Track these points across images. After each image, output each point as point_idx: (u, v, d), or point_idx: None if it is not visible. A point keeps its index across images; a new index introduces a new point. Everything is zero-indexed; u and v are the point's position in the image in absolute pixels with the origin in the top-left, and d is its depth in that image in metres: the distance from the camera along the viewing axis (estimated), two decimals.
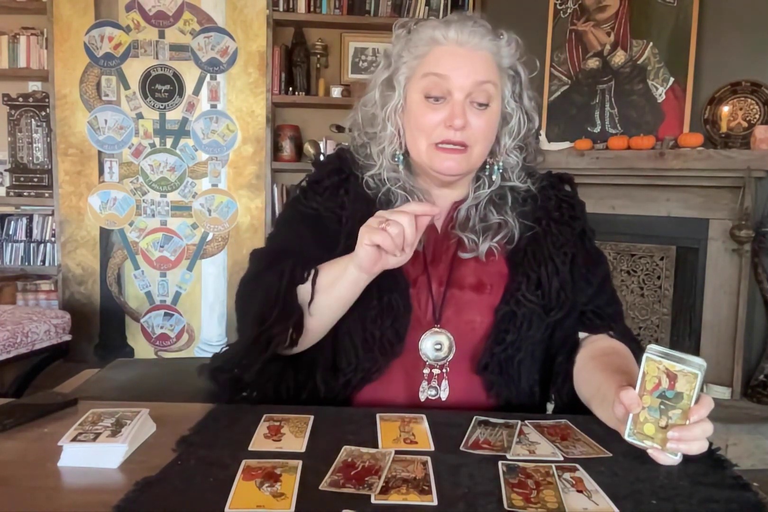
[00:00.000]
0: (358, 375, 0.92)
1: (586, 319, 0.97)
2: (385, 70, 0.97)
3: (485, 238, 0.95)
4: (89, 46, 3.13)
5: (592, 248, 1.01)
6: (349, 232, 0.92)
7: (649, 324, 2.76)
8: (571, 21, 2.84)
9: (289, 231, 1.00)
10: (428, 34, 0.93)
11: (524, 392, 0.95)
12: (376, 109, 0.98)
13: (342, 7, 3.29)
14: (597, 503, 0.60)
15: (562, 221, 0.98)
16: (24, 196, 3.29)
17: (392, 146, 0.97)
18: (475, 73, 0.91)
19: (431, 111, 0.92)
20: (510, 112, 0.96)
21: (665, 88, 2.62)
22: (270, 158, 3.27)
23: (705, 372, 0.68)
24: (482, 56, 0.92)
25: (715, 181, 2.46)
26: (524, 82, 0.98)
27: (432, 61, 0.92)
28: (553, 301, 0.93)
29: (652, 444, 0.69)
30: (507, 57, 0.95)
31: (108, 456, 0.68)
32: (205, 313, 3.29)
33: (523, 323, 0.92)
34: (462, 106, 0.91)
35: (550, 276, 0.93)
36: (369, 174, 0.98)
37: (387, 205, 0.96)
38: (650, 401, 0.69)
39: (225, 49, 3.18)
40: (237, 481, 0.62)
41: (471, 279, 0.95)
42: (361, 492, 0.60)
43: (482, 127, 0.92)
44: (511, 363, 0.92)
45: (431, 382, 0.92)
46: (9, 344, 2.31)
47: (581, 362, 0.93)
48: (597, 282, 1.00)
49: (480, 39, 0.92)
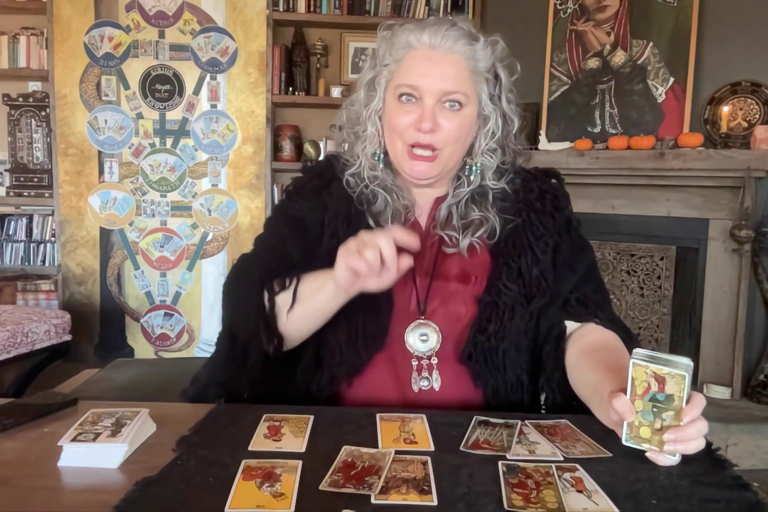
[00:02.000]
0: (342, 369, 0.94)
1: (570, 307, 0.98)
2: (371, 70, 0.99)
3: (465, 235, 0.97)
4: (89, 46, 3.13)
5: (577, 237, 1.02)
6: (332, 233, 0.96)
7: (649, 324, 2.76)
8: (571, 21, 2.84)
9: (273, 234, 1.03)
10: (404, 38, 0.94)
11: (511, 381, 0.96)
12: (360, 109, 1.00)
13: (342, 7, 3.29)
14: (597, 503, 0.60)
15: (544, 211, 0.99)
16: (24, 196, 3.29)
17: (372, 146, 0.99)
18: (443, 80, 0.92)
19: (403, 113, 0.94)
20: (487, 114, 0.97)
21: (665, 88, 2.62)
22: (270, 158, 3.27)
23: (692, 372, 0.68)
24: (454, 61, 0.92)
25: (715, 181, 2.46)
26: (504, 84, 0.97)
27: (405, 68, 0.94)
28: (533, 289, 0.95)
29: (650, 447, 0.69)
30: (483, 60, 0.94)
31: (108, 456, 0.68)
32: (205, 313, 3.29)
33: (505, 312, 0.94)
34: (432, 109, 0.92)
35: (530, 265, 0.95)
36: (349, 173, 1.00)
37: (367, 204, 0.99)
38: (642, 405, 0.69)
39: (225, 49, 3.18)
40: (237, 481, 0.62)
41: (456, 271, 0.97)
42: (361, 492, 0.61)
43: (453, 129, 0.93)
44: (495, 352, 0.93)
45: (422, 373, 0.93)
46: (9, 344, 2.31)
47: (573, 358, 0.93)
48: (582, 270, 1.01)
49: (453, 42, 0.92)
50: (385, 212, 0.99)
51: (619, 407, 0.70)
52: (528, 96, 2.85)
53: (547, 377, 0.97)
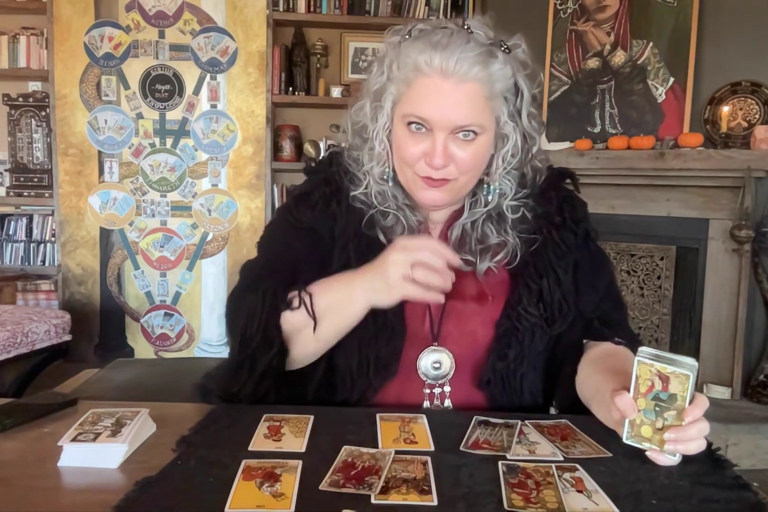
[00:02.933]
0: (354, 396, 0.91)
1: (593, 328, 0.94)
2: (379, 76, 0.90)
3: (483, 260, 0.91)
4: (89, 46, 3.13)
5: (596, 250, 0.98)
6: (342, 247, 0.91)
7: (649, 324, 2.76)
8: (571, 21, 2.84)
9: (279, 241, 0.97)
10: (413, 59, 0.84)
11: (527, 402, 0.93)
12: (366, 121, 0.93)
13: (342, 7, 3.29)
14: (597, 503, 0.60)
15: (565, 226, 0.94)
16: (24, 196, 3.29)
17: (381, 166, 0.92)
18: (457, 114, 0.84)
19: (413, 143, 0.86)
20: (507, 133, 0.89)
21: (665, 88, 2.62)
22: (270, 158, 3.27)
23: (697, 372, 0.67)
24: (468, 90, 0.83)
25: (715, 181, 2.46)
26: (526, 98, 0.89)
27: (415, 97, 0.85)
28: (555, 314, 0.91)
29: (650, 446, 0.69)
30: (501, 80, 0.85)
31: (108, 456, 0.68)
32: (205, 313, 3.29)
33: (525, 337, 0.90)
34: (443, 143, 0.85)
35: (552, 287, 0.90)
36: (357, 192, 0.94)
37: (378, 221, 0.93)
38: (645, 404, 0.69)
39: (225, 49, 3.18)
40: (237, 481, 0.62)
41: (472, 291, 0.92)
42: (361, 492, 0.60)
43: (467, 159, 0.86)
44: (514, 377, 0.90)
45: (434, 402, 0.90)
46: (9, 344, 2.31)
47: (581, 364, 0.91)
48: (603, 287, 0.97)
49: (468, 68, 0.82)
50: (397, 227, 0.93)
51: (621, 404, 0.69)
52: None
53: (561, 396, 0.94)
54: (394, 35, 0.90)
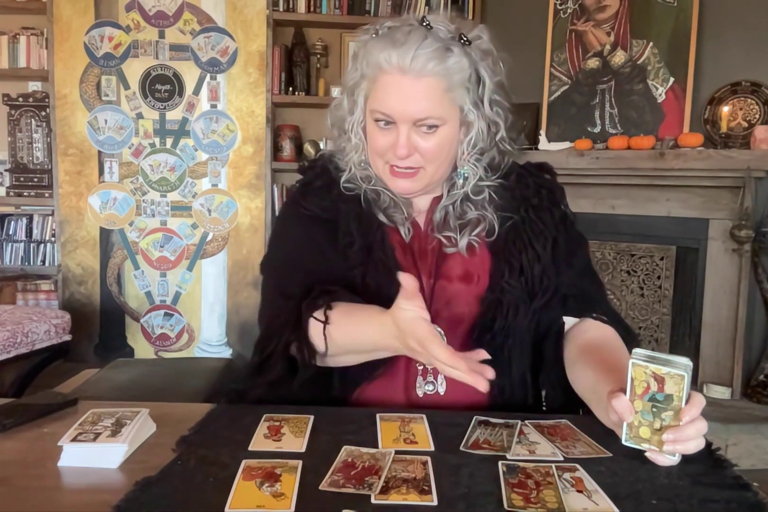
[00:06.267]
0: (350, 376, 0.93)
1: (569, 303, 0.98)
2: (353, 73, 0.96)
3: (463, 234, 0.97)
4: (89, 46, 3.13)
5: (574, 232, 1.02)
6: (345, 229, 0.96)
7: (649, 324, 2.76)
8: (571, 21, 2.84)
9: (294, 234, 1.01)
10: (375, 57, 0.90)
11: (516, 379, 0.96)
12: (344, 113, 0.99)
13: (342, 7, 3.29)
14: (597, 503, 0.60)
15: (542, 207, 1.00)
16: (24, 196, 3.29)
17: (358, 155, 0.99)
18: (415, 108, 0.89)
19: (381, 135, 0.93)
20: (471, 121, 0.94)
21: (665, 88, 2.62)
22: (270, 158, 3.27)
23: (692, 372, 0.68)
24: (426, 84, 0.88)
25: (715, 181, 2.46)
26: (488, 86, 0.93)
27: (378, 93, 0.92)
28: (536, 287, 0.95)
29: (649, 447, 0.69)
30: (459, 72, 0.89)
31: (108, 456, 0.68)
32: (205, 313, 3.29)
33: (509, 310, 0.93)
34: (406, 134, 0.91)
35: (531, 262, 0.95)
36: (344, 179, 1.00)
37: (374, 202, 0.99)
38: (642, 405, 0.69)
39: (225, 49, 3.18)
40: (237, 481, 0.62)
41: (458, 271, 0.97)
42: (361, 492, 0.61)
43: (431, 148, 0.92)
44: (501, 351, 0.93)
45: (426, 377, 0.93)
46: (9, 344, 2.31)
47: (572, 355, 0.93)
48: (579, 264, 1.01)
49: (424, 64, 0.87)
50: (392, 207, 0.99)
51: (618, 407, 0.70)
52: (528, 96, 2.86)
53: (547, 373, 0.97)
54: (364, 34, 0.96)
